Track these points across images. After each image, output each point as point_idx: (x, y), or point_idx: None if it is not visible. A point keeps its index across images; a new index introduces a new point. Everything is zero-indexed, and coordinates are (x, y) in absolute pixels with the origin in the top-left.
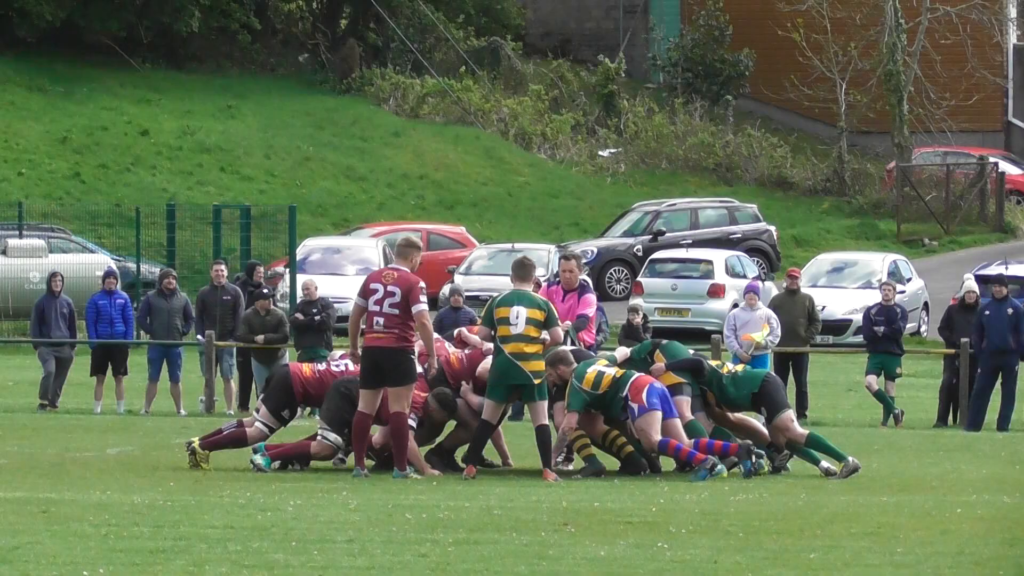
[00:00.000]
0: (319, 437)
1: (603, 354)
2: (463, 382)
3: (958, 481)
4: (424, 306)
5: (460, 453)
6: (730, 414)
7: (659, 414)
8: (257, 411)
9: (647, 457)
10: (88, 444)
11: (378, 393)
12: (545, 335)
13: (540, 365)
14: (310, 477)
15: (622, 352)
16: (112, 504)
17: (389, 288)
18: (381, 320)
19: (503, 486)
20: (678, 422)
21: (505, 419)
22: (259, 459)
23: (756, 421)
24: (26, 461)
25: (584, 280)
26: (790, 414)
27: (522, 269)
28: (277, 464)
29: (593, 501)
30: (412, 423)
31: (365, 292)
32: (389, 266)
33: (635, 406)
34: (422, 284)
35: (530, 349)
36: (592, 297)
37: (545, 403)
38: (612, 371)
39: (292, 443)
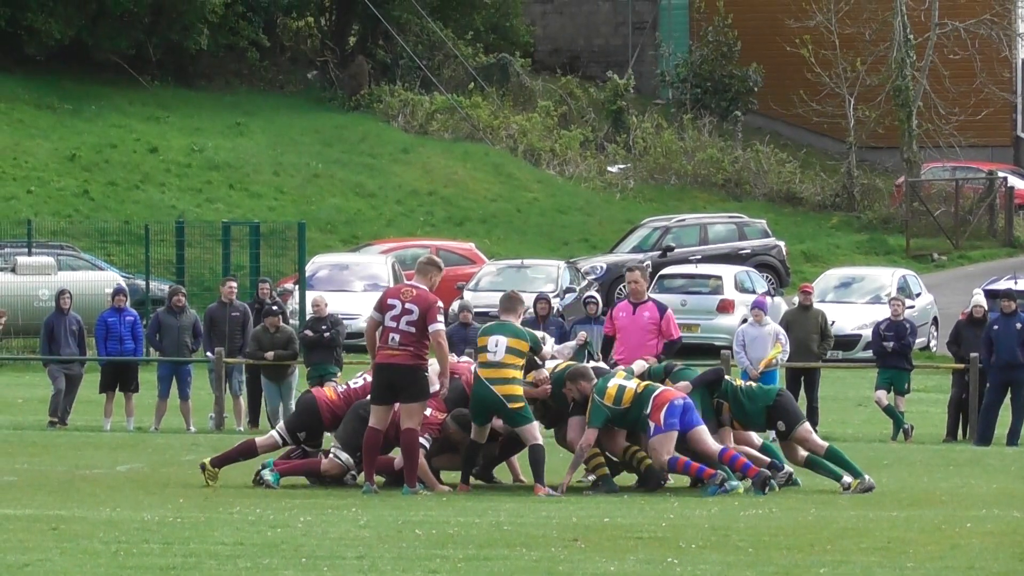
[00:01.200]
0: (331, 455)
1: (619, 369)
2: None
3: (968, 496)
4: (441, 326)
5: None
6: (729, 438)
7: (674, 434)
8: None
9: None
10: (98, 461)
11: (390, 409)
12: (536, 372)
13: (515, 390)
14: (320, 494)
15: (640, 365)
16: (122, 521)
17: (407, 305)
18: (397, 337)
19: (513, 502)
20: (703, 429)
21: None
22: (267, 475)
23: (755, 444)
24: (36, 478)
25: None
26: (808, 426)
27: (508, 302)
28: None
29: (603, 516)
30: (425, 442)
31: (382, 307)
32: (407, 283)
33: (652, 425)
34: (440, 304)
35: (507, 374)
36: (672, 316)
37: (530, 426)
38: (633, 384)
39: (303, 460)
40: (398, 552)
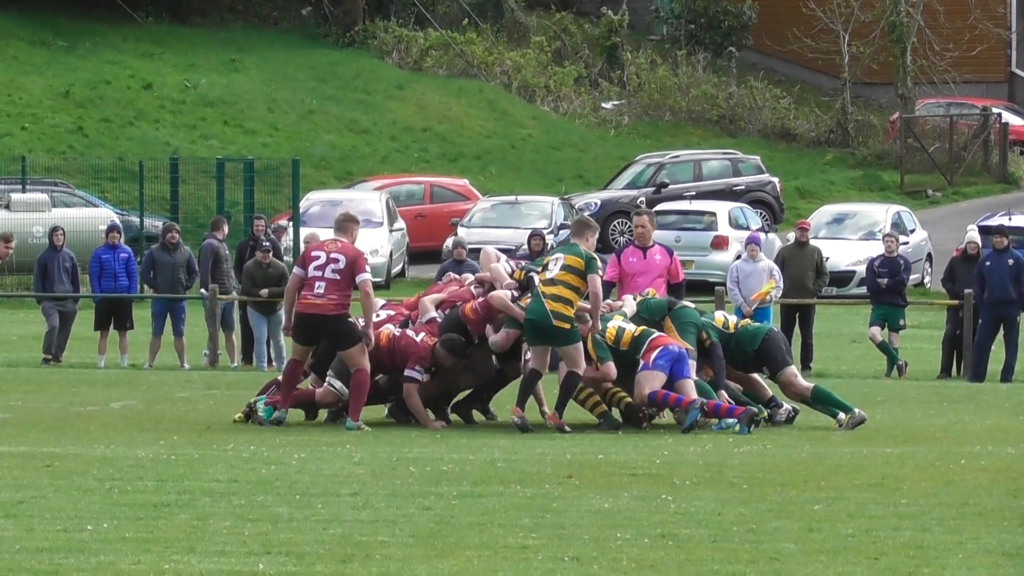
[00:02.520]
0: (326, 385)
1: (616, 312)
2: (488, 326)
3: (962, 432)
4: (368, 276)
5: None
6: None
7: (662, 376)
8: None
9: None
10: (92, 398)
11: (310, 349)
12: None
13: (565, 310)
14: (314, 431)
15: (630, 306)
16: (116, 458)
17: (332, 255)
18: (322, 285)
19: (507, 439)
20: (691, 384)
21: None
22: (261, 410)
23: (759, 377)
24: (30, 415)
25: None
26: (792, 369)
27: (578, 226)
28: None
29: (597, 453)
30: (419, 376)
31: (304, 261)
32: (332, 238)
33: (641, 363)
34: (366, 256)
35: (560, 292)
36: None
37: (573, 348)
38: (631, 327)
39: (298, 392)
40: (392, 489)
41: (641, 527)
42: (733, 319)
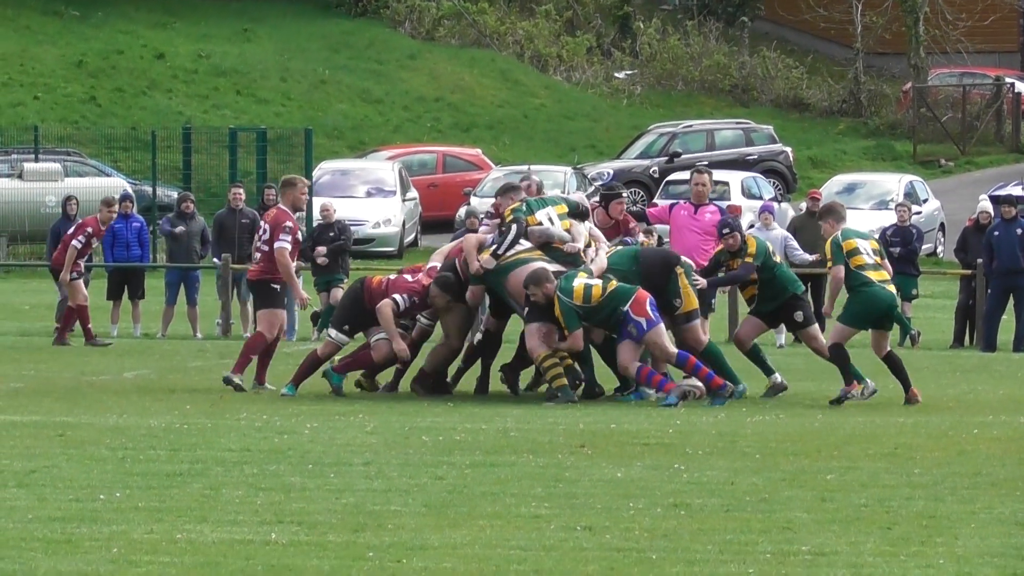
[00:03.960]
0: (326, 339)
1: (580, 269)
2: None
3: (975, 402)
4: (282, 244)
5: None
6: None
7: (664, 327)
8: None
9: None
10: (104, 368)
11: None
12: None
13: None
14: (326, 400)
15: (600, 264)
16: (128, 428)
17: (264, 226)
18: (257, 256)
19: (520, 408)
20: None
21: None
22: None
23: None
24: (42, 385)
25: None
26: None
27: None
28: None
29: (610, 423)
30: (402, 301)
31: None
32: (275, 204)
33: (642, 320)
34: (288, 224)
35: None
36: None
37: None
38: (597, 282)
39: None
40: (404, 458)
41: (654, 496)
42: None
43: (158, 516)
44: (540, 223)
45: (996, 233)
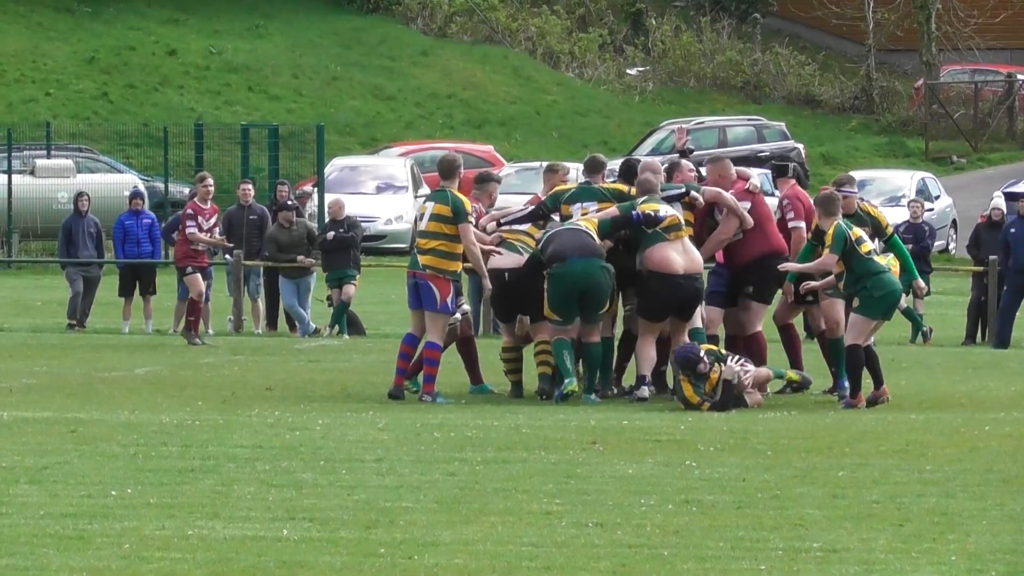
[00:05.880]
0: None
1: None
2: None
3: (986, 399)
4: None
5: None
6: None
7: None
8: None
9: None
10: (116, 364)
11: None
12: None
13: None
14: (339, 396)
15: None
16: (140, 424)
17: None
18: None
19: (531, 405)
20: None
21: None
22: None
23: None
24: (54, 381)
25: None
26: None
27: (591, 162)
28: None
29: (622, 419)
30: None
31: None
32: None
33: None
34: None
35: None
36: None
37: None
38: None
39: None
40: (416, 455)
41: (665, 493)
42: None
43: (170, 512)
44: (571, 215)
45: (1012, 230)
